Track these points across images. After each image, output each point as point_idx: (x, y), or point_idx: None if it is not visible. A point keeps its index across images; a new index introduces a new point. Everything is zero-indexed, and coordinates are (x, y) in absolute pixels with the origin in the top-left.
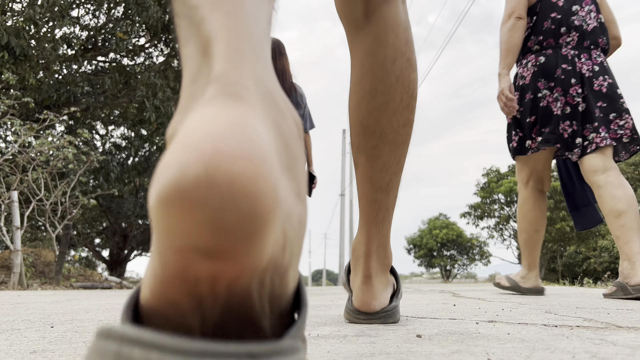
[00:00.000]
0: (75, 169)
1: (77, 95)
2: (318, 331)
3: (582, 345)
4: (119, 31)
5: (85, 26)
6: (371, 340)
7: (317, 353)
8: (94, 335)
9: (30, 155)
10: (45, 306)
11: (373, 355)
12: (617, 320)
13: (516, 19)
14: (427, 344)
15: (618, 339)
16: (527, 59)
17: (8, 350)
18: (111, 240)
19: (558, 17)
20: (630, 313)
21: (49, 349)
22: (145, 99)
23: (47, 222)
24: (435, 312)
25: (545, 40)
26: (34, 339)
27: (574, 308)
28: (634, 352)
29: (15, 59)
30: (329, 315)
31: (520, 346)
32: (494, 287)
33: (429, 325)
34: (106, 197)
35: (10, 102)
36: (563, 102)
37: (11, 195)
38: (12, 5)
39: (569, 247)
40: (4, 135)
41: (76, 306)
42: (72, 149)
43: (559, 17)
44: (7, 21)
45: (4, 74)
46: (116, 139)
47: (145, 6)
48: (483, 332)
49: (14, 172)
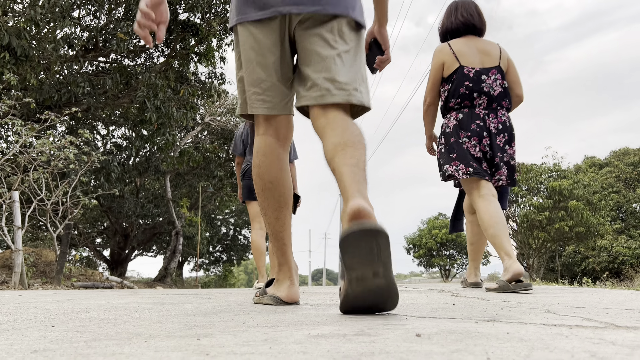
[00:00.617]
0: (76, 169)
1: (78, 96)
2: (318, 330)
3: (581, 344)
4: (120, 32)
5: (86, 27)
6: (371, 340)
7: (318, 352)
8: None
9: (31, 155)
10: (46, 306)
11: (373, 355)
12: (616, 319)
13: (428, 106)
14: (426, 343)
15: (617, 338)
16: (450, 115)
17: (9, 349)
18: (112, 240)
19: (470, 85)
20: (629, 313)
21: (50, 348)
22: (146, 100)
23: (48, 221)
24: (435, 311)
25: (462, 102)
26: (35, 339)
27: (573, 308)
28: (633, 351)
29: (16, 59)
30: (329, 314)
31: (520, 345)
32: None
33: (429, 324)
34: (107, 197)
35: (12, 103)
36: (478, 148)
37: (12, 195)
38: (13, 6)
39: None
40: (5, 135)
41: (77, 306)
42: (73, 149)
43: (471, 85)
44: (9, 22)
45: (5, 74)
46: (117, 139)
47: None
48: (482, 331)
49: (15, 172)
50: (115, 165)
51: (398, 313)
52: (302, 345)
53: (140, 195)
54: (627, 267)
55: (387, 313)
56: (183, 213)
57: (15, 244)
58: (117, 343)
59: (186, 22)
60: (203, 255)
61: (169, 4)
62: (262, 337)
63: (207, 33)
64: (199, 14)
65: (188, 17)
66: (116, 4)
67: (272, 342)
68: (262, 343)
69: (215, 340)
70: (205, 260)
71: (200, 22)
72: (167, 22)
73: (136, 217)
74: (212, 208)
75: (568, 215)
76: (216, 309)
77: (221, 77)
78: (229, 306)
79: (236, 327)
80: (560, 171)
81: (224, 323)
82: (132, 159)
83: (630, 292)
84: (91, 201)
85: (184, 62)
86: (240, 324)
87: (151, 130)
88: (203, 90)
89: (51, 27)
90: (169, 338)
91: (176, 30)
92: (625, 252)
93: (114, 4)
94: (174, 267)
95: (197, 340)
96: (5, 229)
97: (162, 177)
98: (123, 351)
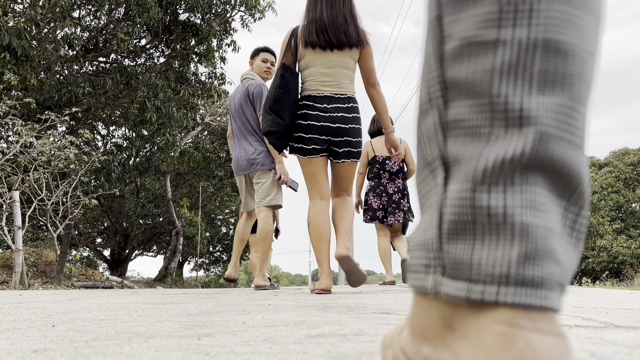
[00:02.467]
0: (76, 169)
1: (79, 96)
2: (318, 330)
3: (580, 344)
4: (120, 32)
5: (87, 27)
6: (370, 339)
7: (318, 352)
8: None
9: (31, 155)
10: (47, 305)
11: (372, 354)
12: (616, 319)
13: (359, 174)
14: None
15: (616, 338)
16: (368, 183)
17: (10, 349)
18: (112, 239)
19: (378, 167)
20: (628, 312)
21: (50, 348)
22: (146, 100)
23: (49, 221)
24: None
25: (375, 175)
26: (35, 338)
27: (573, 307)
28: (633, 351)
29: (16, 59)
30: (329, 314)
31: None
32: None
33: None
34: (107, 197)
35: (12, 103)
36: (379, 203)
37: (13, 195)
38: (13, 6)
39: None
40: (6, 135)
41: (77, 305)
42: (73, 149)
43: (379, 166)
44: (9, 22)
45: (6, 74)
46: (117, 139)
47: (146, 7)
48: None
49: (16, 172)
50: (116, 165)
51: (398, 313)
52: (302, 345)
53: (141, 195)
54: (626, 267)
55: (387, 313)
56: (183, 213)
57: (16, 243)
58: (118, 343)
59: (186, 22)
60: (203, 255)
61: (169, 4)
62: (262, 337)
63: (207, 33)
64: (199, 14)
65: (188, 17)
66: (116, 4)
67: (272, 342)
68: (262, 343)
69: (216, 340)
70: (206, 260)
71: (201, 23)
72: None
73: (136, 217)
74: (212, 208)
75: None
76: (216, 308)
77: (221, 77)
78: (229, 306)
79: (236, 327)
80: None
81: (224, 323)
82: (133, 159)
83: (629, 292)
84: (91, 201)
85: (184, 62)
86: (241, 323)
87: (151, 131)
88: (203, 91)
89: (51, 27)
90: (169, 338)
91: (176, 31)
92: (624, 252)
93: (114, 4)
94: (174, 267)
95: (198, 340)
96: (5, 229)
97: (162, 177)
98: (123, 351)
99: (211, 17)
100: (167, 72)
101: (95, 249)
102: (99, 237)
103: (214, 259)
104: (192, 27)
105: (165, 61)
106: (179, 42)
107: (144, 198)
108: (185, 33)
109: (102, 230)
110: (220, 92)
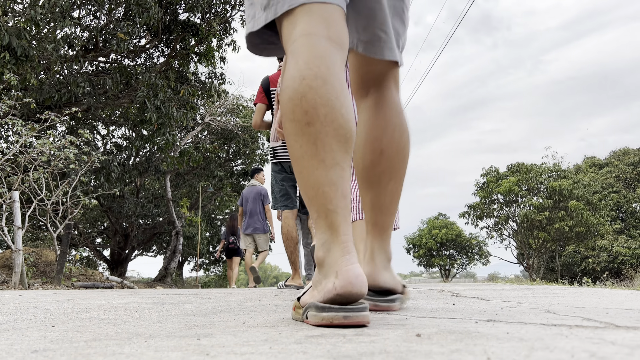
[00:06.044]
0: (76, 169)
1: (78, 96)
2: (318, 330)
3: (581, 344)
4: (120, 32)
5: (86, 27)
6: (371, 339)
7: (318, 352)
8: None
9: (31, 155)
10: (47, 305)
11: (373, 354)
12: (616, 319)
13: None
14: (426, 343)
15: (617, 338)
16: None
17: (9, 349)
18: (112, 239)
19: None
20: (629, 312)
21: (50, 348)
22: (146, 100)
23: (49, 221)
24: (435, 311)
25: None
26: (35, 338)
27: (573, 307)
28: (633, 351)
29: (16, 59)
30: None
31: (519, 345)
32: (494, 287)
33: (429, 324)
34: (107, 197)
35: (12, 103)
36: None
37: (12, 195)
38: (13, 6)
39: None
40: (6, 135)
41: (77, 305)
42: (73, 149)
43: None
44: (9, 22)
45: (6, 74)
46: (117, 139)
47: (146, 7)
48: (482, 331)
49: (16, 172)
50: (116, 165)
51: (398, 313)
52: (302, 345)
53: (141, 195)
54: (627, 267)
55: (387, 313)
56: (183, 213)
57: (16, 244)
58: (117, 343)
59: (186, 22)
60: (203, 255)
61: (168, 3)
62: (262, 337)
63: (207, 33)
64: (199, 14)
65: (188, 17)
66: (116, 4)
67: (272, 342)
68: (262, 343)
69: (216, 340)
70: (205, 260)
71: (201, 22)
72: None
73: (136, 217)
74: (212, 208)
75: (568, 215)
76: (216, 308)
77: (221, 77)
78: (229, 306)
79: (236, 327)
80: (560, 171)
81: (224, 323)
82: (132, 159)
83: (630, 292)
84: (91, 201)
85: (184, 62)
86: (241, 323)
87: (151, 130)
88: (203, 91)
89: (51, 27)
90: (169, 338)
91: (176, 30)
92: (625, 252)
93: (114, 4)
94: (174, 267)
95: (197, 340)
96: (5, 229)
97: (162, 177)
98: (123, 351)
99: (211, 17)
100: (167, 72)
101: (95, 249)
102: (99, 237)
103: (213, 259)
104: (192, 27)
105: (165, 61)
106: (179, 42)
107: (144, 198)
108: (185, 33)
109: (102, 230)
110: (220, 92)
